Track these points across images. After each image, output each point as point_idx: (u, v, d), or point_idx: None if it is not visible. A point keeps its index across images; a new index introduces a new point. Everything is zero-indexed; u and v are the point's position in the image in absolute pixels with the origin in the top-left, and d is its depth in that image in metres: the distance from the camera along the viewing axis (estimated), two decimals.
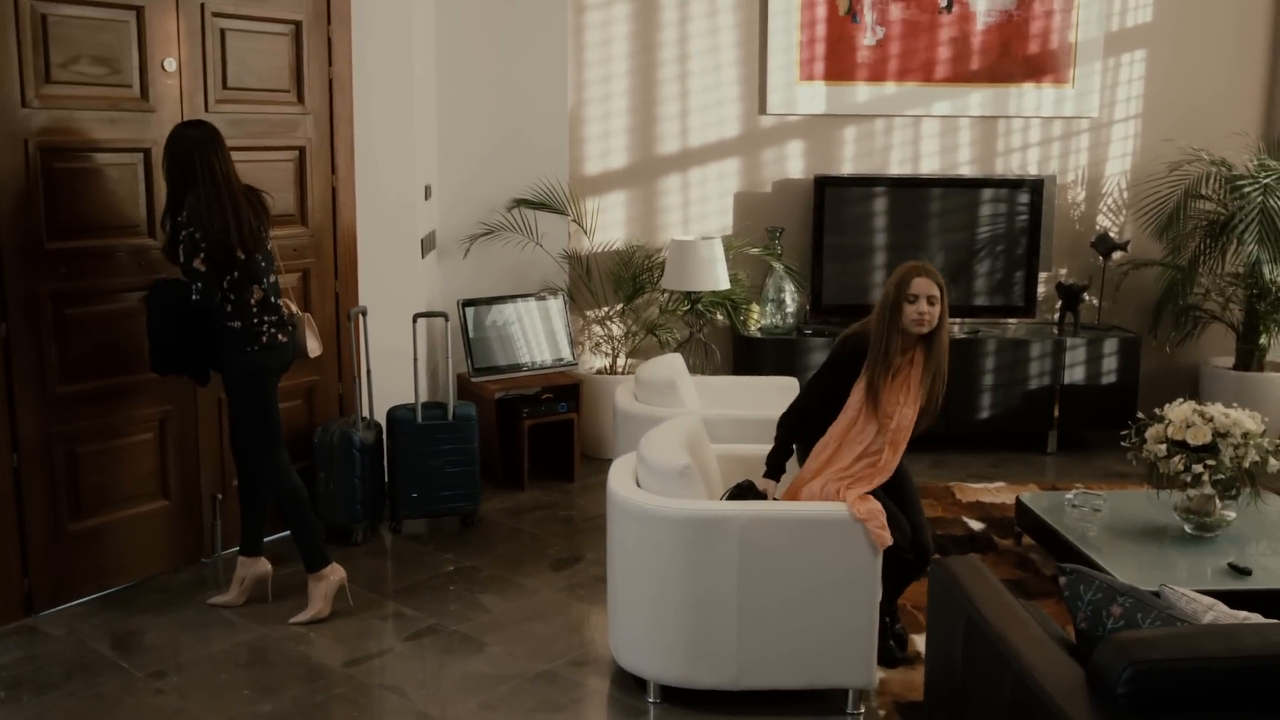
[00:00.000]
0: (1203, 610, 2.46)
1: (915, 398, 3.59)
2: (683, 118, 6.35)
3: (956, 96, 6.44)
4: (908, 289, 3.53)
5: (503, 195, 5.97)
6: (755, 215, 6.43)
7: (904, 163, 6.52)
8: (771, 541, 3.38)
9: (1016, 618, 2.56)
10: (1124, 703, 2.11)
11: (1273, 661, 2.14)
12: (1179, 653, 2.15)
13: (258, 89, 4.63)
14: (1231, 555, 4.01)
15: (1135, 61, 6.55)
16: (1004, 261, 6.31)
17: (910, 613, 4.02)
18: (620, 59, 6.25)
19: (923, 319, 3.52)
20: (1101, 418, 6.17)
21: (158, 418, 4.43)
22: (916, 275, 3.54)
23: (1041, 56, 6.45)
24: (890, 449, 3.59)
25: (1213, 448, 4.05)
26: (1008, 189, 6.29)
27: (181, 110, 4.34)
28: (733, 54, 6.33)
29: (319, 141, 4.88)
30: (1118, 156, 6.62)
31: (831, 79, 6.37)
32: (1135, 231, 6.55)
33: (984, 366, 6.19)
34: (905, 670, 3.72)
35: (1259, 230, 5.81)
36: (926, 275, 3.54)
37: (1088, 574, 2.52)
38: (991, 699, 2.48)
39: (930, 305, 3.52)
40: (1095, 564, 3.89)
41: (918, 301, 3.52)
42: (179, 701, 3.58)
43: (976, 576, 2.81)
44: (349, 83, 4.97)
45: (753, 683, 3.47)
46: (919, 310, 3.51)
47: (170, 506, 4.52)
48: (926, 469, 5.97)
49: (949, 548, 4.72)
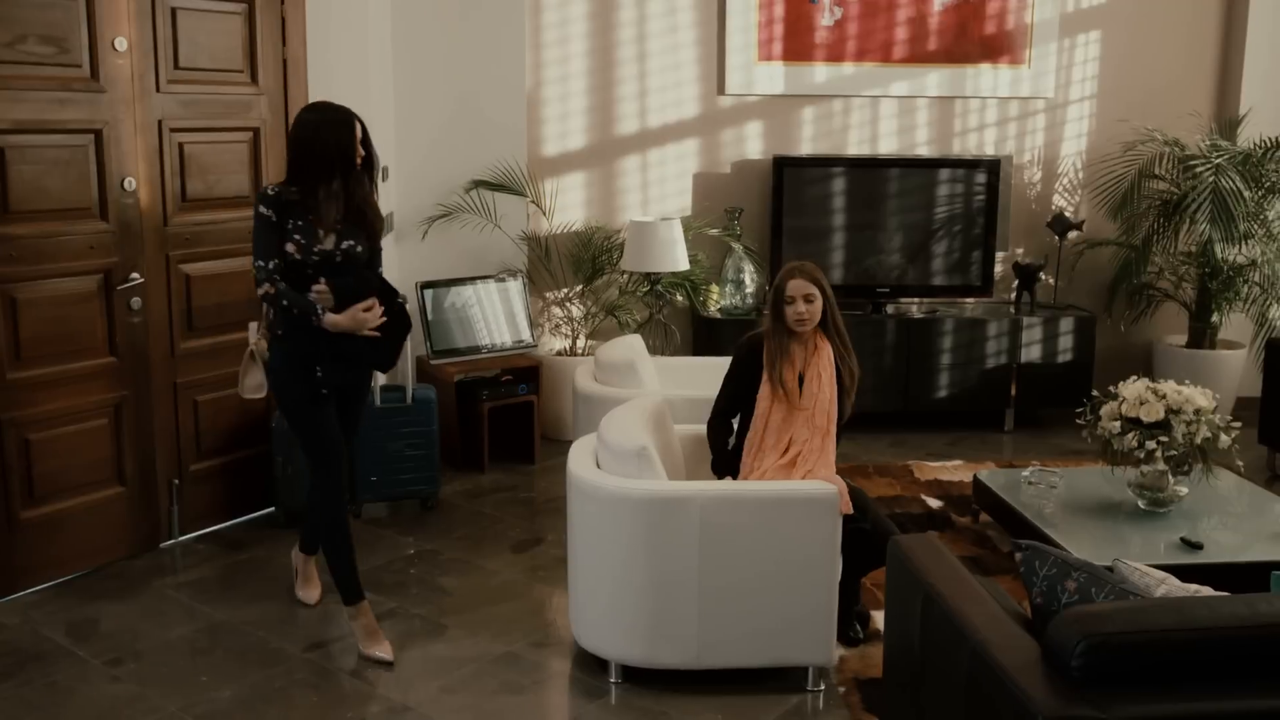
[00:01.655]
0: (1155, 584, 2.49)
1: (830, 383, 3.77)
2: (641, 98, 6.34)
3: (914, 77, 6.47)
4: (784, 293, 3.75)
5: (461, 177, 5.93)
6: (714, 196, 6.43)
7: (862, 143, 6.54)
8: (731, 521, 3.40)
9: (973, 594, 2.59)
10: (1078, 676, 2.14)
11: (1221, 633, 2.18)
12: (1131, 626, 2.18)
13: (210, 69, 4.57)
14: (1184, 530, 4.07)
15: (1090, 42, 6.60)
16: (961, 241, 6.35)
17: (871, 591, 4.05)
18: (578, 39, 6.22)
19: (801, 318, 3.74)
20: (1057, 396, 6.24)
21: (112, 403, 4.38)
22: (791, 278, 3.76)
23: (998, 37, 6.48)
24: (818, 435, 3.75)
25: (1165, 424, 4.11)
26: (965, 169, 6.33)
27: (133, 90, 4.28)
28: (691, 34, 6.32)
29: (274, 123, 4.82)
30: (1073, 137, 6.68)
31: (790, 59, 6.37)
32: (1090, 211, 6.61)
33: (941, 346, 6.23)
34: (865, 648, 3.75)
35: (1211, 210, 5.88)
36: (801, 276, 3.74)
37: (1043, 550, 2.55)
38: (949, 674, 2.50)
39: (808, 304, 3.73)
40: (1051, 540, 3.94)
41: (794, 303, 3.74)
42: (137, 689, 3.55)
43: (934, 554, 2.83)
44: (303, 64, 4.92)
45: (714, 662, 3.49)
46: (796, 311, 3.73)
47: (126, 493, 4.47)
48: (885, 448, 6.01)
49: (907, 526, 4.75)
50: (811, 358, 3.80)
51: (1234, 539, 4.08)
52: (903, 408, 6.26)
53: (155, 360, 4.50)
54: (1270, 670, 2.17)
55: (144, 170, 4.37)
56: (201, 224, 4.61)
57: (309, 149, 3.56)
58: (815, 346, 3.81)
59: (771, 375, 3.77)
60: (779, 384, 3.75)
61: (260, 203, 3.59)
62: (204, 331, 4.67)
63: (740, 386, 3.87)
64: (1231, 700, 2.11)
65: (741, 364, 3.89)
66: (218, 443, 4.77)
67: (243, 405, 4.82)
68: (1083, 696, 2.10)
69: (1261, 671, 2.17)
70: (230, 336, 4.72)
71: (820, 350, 3.81)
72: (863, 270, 6.33)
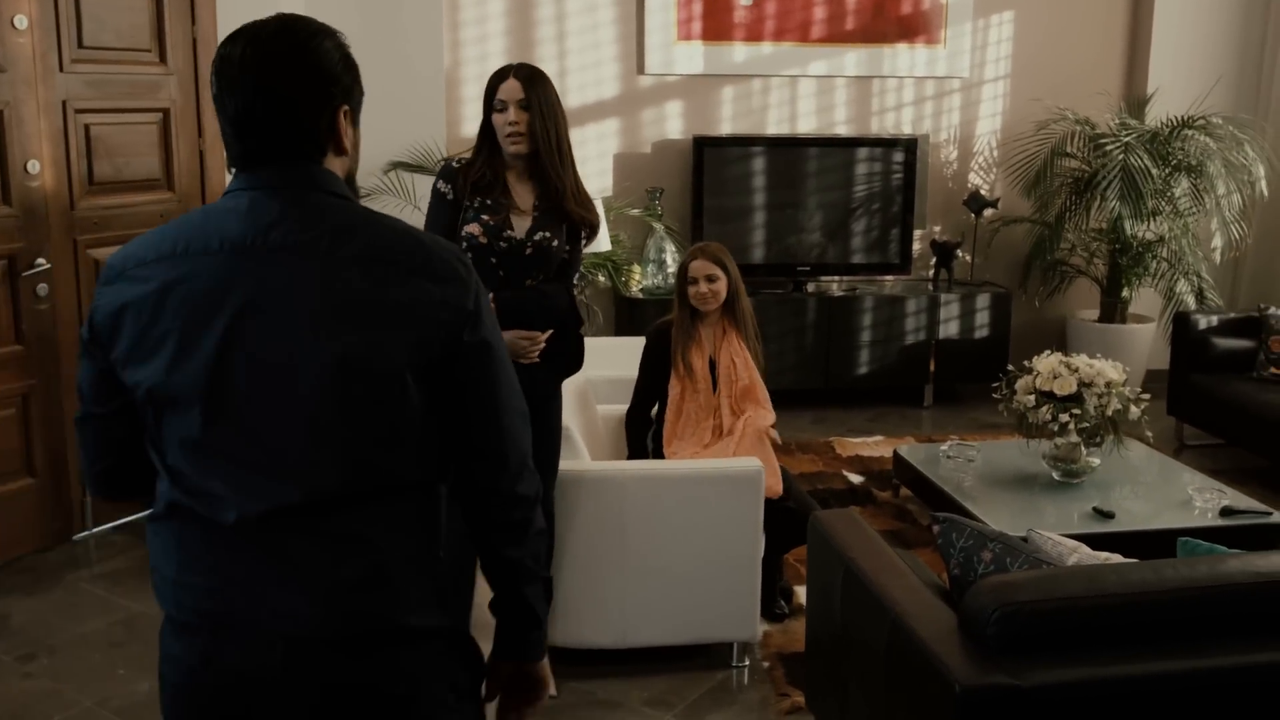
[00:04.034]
0: (1067, 553, 2.55)
1: (747, 365, 3.83)
2: (561, 78, 6.29)
3: (832, 56, 6.51)
4: (687, 274, 3.82)
5: (379, 158, 5.85)
6: (635, 176, 6.42)
7: (781, 122, 6.57)
8: (654, 501, 3.41)
9: (893, 567, 2.63)
10: (993, 644, 2.18)
11: (1130, 599, 2.24)
12: (1044, 594, 2.23)
13: (116, 48, 4.44)
14: (1096, 500, 4.17)
15: (1004, 23, 6.69)
16: (880, 220, 6.42)
17: (794, 566, 4.09)
18: (496, 18, 6.16)
19: (704, 298, 3.79)
20: (975, 371, 6.34)
21: (19, 393, 4.26)
22: (693, 259, 3.84)
23: (914, 17, 6.54)
24: (741, 420, 3.78)
25: (1078, 398, 4.20)
26: (883, 148, 6.39)
27: (35, 70, 4.15)
28: (610, 13, 6.29)
29: (184, 103, 4.71)
30: (988, 116, 6.77)
31: (709, 39, 6.38)
32: (1005, 189, 6.72)
33: (861, 323, 6.30)
34: (788, 623, 3.79)
35: (1120, 187, 6.00)
36: (703, 257, 3.82)
37: (960, 522, 2.59)
38: (869, 646, 2.54)
39: (710, 283, 3.79)
40: (969, 512, 4.00)
41: (697, 283, 3.80)
42: (51, 684, 3.47)
43: (854, 528, 2.87)
44: (214, 42, 4.80)
45: (639, 640, 3.50)
46: (699, 291, 3.80)
47: (36, 484, 4.36)
48: (808, 425, 6.07)
49: (829, 501, 4.81)
50: (722, 341, 3.84)
51: (1144, 508, 4.19)
52: (824, 385, 6.32)
53: (64, 348, 4.38)
54: (1177, 633, 2.23)
55: (48, 152, 4.25)
56: (111, 208, 4.50)
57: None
58: (725, 330, 3.84)
59: (675, 359, 3.80)
60: (685, 367, 3.78)
61: (439, 177, 3.16)
62: None
63: (651, 375, 3.89)
64: (1141, 663, 2.16)
65: (651, 352, 3.90)
66: None
67: None
68: (998, 664, 2.14)
69: (1169, 635, 2.23)
70: None
71: (731, 333, 3.84)
72: (783, 249, 6.37)
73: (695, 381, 3.80)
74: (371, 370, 1.50)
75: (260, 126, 1.55)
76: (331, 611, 1.52)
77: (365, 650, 1.54)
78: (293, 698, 1.53)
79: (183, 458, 1.54)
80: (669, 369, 3.83)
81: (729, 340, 3.84)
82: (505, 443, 1.62)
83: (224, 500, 1.52)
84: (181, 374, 1.51)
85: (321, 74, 1.57)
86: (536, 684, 1.78)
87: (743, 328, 3.87)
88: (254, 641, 1.53)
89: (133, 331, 1.54)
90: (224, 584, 1.54)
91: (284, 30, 1.58)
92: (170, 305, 1.52)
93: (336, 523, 1.52)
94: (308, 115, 1.56)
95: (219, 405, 1.51)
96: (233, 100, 1.56)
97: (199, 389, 1.51)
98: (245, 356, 1.50)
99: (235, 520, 1.51)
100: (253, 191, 1.55)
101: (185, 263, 1.53)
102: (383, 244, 1.55)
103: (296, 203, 1.55)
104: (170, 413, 1.54)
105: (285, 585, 1.52)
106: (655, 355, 3.89)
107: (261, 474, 1.51)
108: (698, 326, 3.84)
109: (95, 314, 1.58)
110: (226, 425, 1.51)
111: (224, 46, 1.59)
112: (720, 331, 3.86)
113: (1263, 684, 2.21)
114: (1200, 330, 5.68)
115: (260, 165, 1.56)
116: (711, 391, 3.82)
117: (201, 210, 1.60)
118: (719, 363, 3.83)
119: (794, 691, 3.38)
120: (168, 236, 1.57)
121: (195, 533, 1.55)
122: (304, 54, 1.56)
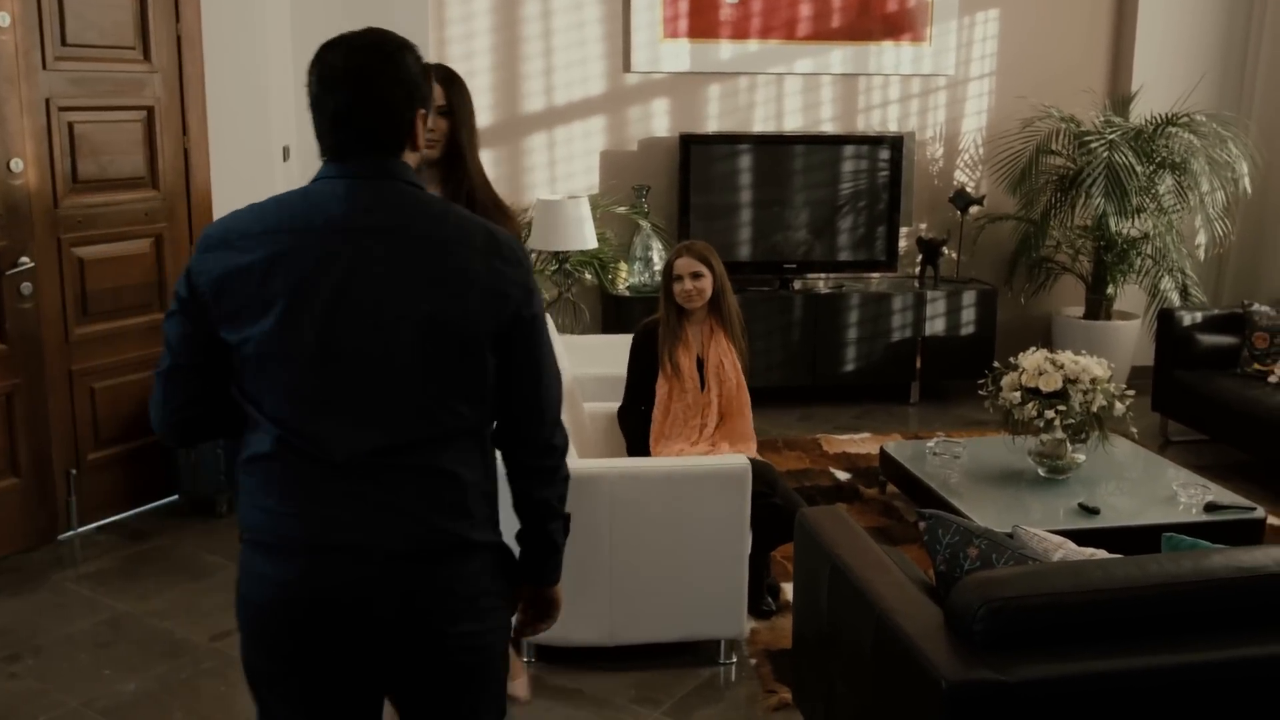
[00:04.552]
0: (1053, 549, 2.56)
1: (734, 365, 3.85)
2: (547, 75, 6.29)
3: (818, 54, 6.51)
4: (672, 271, 3.83)
5: None
6: (622, 174, 6.42)
7: (767, 120, 6.58)
8: (641, 498, 3.41)
9: (879, 564, 2.63)
10: (979, 640, 2.19)
11: (1115, 594, 2.25)
12: (1029, 590, 2.24)
13: (100, 46, 4.42)
14: (1081, 496, 4.19)
15: (989, 20, 6.71)
16: (866, 217, 6.43)
17: (781, 563, 4.10)
18: (482, 15, 6.15)
19: (689, 295, 3.81)
20: (961, 368, 6.36)
21: (4, 391, 4.24)
22: (678, 257, 3.85)
23: (899, 15, 6.55)
24: (729, 420, 3.82)
25: (1063, 394, 4.21)
26: (869, 146, 6.40)
27: (18, 68, 4.13)
28: (596, 11, 6.29)
29: (168, 101, 4.69)
30: (973, 113, 6.79)
31: (695, 36, 6.38)
32: (991, 187, 6.74)
33: (848, 320, 6.31)
34: (776, 620, 3.80)
35: (1105, 184, 6.02)
36: (688, 254, 3.84)
37: (946, 518, 2.60)
38: (856, 643, 2.55)
39: (695, 280, 3.81)
40: (955, 509, 4.01)
41: (682, 280, 3.81)
42: (37, 685, 3.45)
43: (840, 525, 2.87)
44: (198, 40, 4.79)
45: (627, 638, 3.51)
46: (685, 289, 3.82)
47: (20, 484, 4.33)
48: (794, 422, 6.08)
49: (816, 498, 4.81)
50: (710, 340, 3.85)
51: (1129, 503, 4.21)
52: (811, 382, 6.33)
53: (49, 347, 4.37)
54: (1162, 628, 2.25)
55: (32, 151, 4.23)
56: (95, 206, 4.48)
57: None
58: (713, 329, 3.86)
59: (662, 359, 3.80)
60: (671, 366, 3.79)
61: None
62: (100, 317, 4.54)
63: (639, 374, 3.90)
64: (1126, 658, 2.17)
65: (638, 351, 3.92)
66: (117, 431, 4.65)
67: (143, 392, 4.72)
68: (984, 660, 2.15)
69: (1154, 630, 2.24)
70: (128, 322, 4.61)
71: (718, 332, 3.86)
72: (770, 246, 6.38)
73: (682, 381, 3.80)
74: (457, 332, 1.79)
75: (355, 124, 1.81)
76: (422, 530, 1.81)
77: (444, 561, 1.84)
78: (381, 603, 1.80)
79: (290, 406, 1.79)
80: (656, 368, 3.83)
81: (716, 339, 3.85)
82: (545, 400, 1.91)
83: (331, 442, 1.78)
84: (293, 332, 1.76)
85: (407, 83, 1.84)
86: (551, 604, 2.12)
87: (729, 326, 3.87)
88: (353, 559, 1.79)
89: (241, 294, 1.78)
90: (328, 512, 1.80)
91: (378, 44, 1.84)
92: (279, 272, 1.76)
93: (426, 459, 1.81)
94: (395, 117, 1.83)
95: (326, 360, 1.77)
96: (332, 100, 1.81)
97: (309, 346, 1.76)
98: (350, 319, 1.76)
99: (343, 459, 1.78)
100: (346, 179, 1.82)
101: (291, 236, 1.78)
102: (463, 229, 1.84)
103: (384, 190, 1.82)
104: (278, 366, 1.79)
105: (384, 511, 1.79)
106: (642, 354, 3.89)
107: (364, 419, 1.78)
108: (684, 325, 3.85)
109: (199, 277, 1.81)
110: (333, 377, 1.78)
111: (326, 53, 1.83)
112: (708, 330, 3.86)
113: (1246, 678, 2.22)
114: (1184, 327, 5.70)
115: (352, 157, 1.83)
116: (699, 390, 3.83)
117: (299, 192, 1.84)
118: (707, 361, 3.83)
119: (781, 688, 3.39)
120: (269, 212, 1.82)
121: (302, 469, 1.80)
122: (394, 65, 1.83)
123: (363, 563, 1.79)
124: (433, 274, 1.79)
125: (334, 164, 1.83)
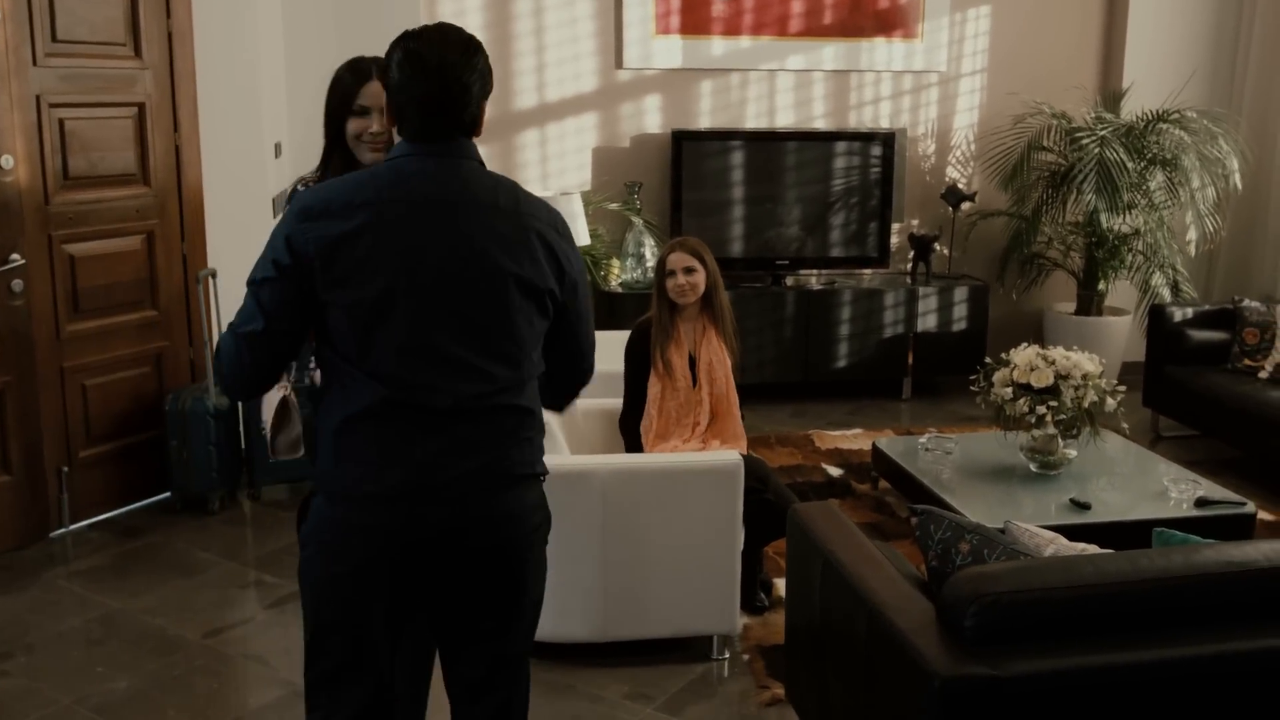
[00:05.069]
0: (1044, 544, 2.57)
1: (724, 363, 3.85)
2: (539, 72, 6.29)
3: (810, 50, 6.52)
4: (665, 266, 3.85)
5: None
6: (614, 170, 6.42)
7: (760, 117, 6.58)
8: (633, 494, 3.41)
9: (871, 559, 2.64)
10: (971, 635, 2.20)
11: (1106, 589, 2.25)
12: (1021, 585, 2.24)
13: (91, 42, 4.41)
14: (1073, 491, 4.20)
15: (980, 17, 6.71)
16: (858, 213, 6.43)
17: (773, 559, 4.11)
18: (474, 12, 6.14)
19: (682, 290, 3.83)
20: (953, 364, 6.37)
21: None
22: (671, 252, 3.87)
23: (891, 11, 6.56)
24: (720, 419, 3.82)
25: (1055, 390, 4.22)
26: (860, 142, 6.41)
27: (8, 64, 4.12)
28: (588, 7, 6.28)
29: (159, 98, 4.68)
30: (965, 110, 6.80)
31: (687, 33, 6.38)
32: (982, 183, 6.74)
33: (840, 317, 6.32)
34: (768, 615, 3.80)
35: (1096, 181, 6.03)
36: (681, 250, 3.86)
37: (938, 514, 2.60)
38: (848, 638, 2.55)
39: (688, 275, 3.82)
40: (947, 504, 4.02)
41: (675, 275, 3.83)
42: (29, 683, 3.45)
43: (833, 521, 2.88)
44: (190, 36, 4.78)
45: (619, 634, 3.51)
46: (677, 284, 3.83)
47: (12, 481, 4.32)
48: (786, 418, 6.09)
49: (808, 494, 4.82)
50: (702, 339, 3.86)
51: (1120, 499, 4.22)
52: (803, 378, 6.34)
53: (40, 344, 4.36)
54: (1153, 623, 2.25)
55: (22, 147, 4.22)
56: (86, 203, 4.47)
57: None
58: (705, 327, 3.87)
59: (654, 357, 3.81)
60: (664, 364, 3.79)
61: (288, 202, 2.53)
62: (91, 314, 4.53)
63: (638, 380, 3.90)
64: (1118, 653, 2.18)
65: (633, 353, 3.91)
66: (109, 428, 4.64)
67: (134, 388, 4.71)
68: (976, 655, 2.15)
69: (1145, 625, 2.25)
70: (119, 319, 4.61)
71: (710, 330, 3.86)
72: (762, 243, 6.38)
73: (675, 379, 3.80)
74: (535, 290, 2.06)
75: (441, 110, 2.03)
76: (507, 463, 2.09)
77: (520, 489, 2.12)
78: (476, 533, 2.07)
79: (396, 361, 1.99)
80: (650, 367, 3.83)
81: (708, 338, 3.86)
82: (585, 345, 2.26)
83: (438, 390, 2.00)
84: (401, 293, 1.97)
85: (483, 75, 2.07)
86: None
87: (721, 323, 3.88)
88: (452, 496, 2.03)
89: (349, 259, 1.96)
90: (429, 458, 2.01)
91: (459, 41, 2.06)
92: (382, 240, 1.98)
93: (512, 399, 2.08)
94: (474, 105, 2.07)
95: (431, 316, 1.99)
96: (422, 87, 2.02)
97: (417, 305, 1.98)
98: (450, 279, 2.00)
99: (450, 406, 2.01)
100: (431, 157, 2.05)
101: (389, 207, 1.99)
102: (531, 203, 2.11)
103: (464, 168, 2.07)
104: (383, 325, 1.98)
105: (479, 449, 2.05)
106: (637, 356, 3.89)
107: (465, 368, 2.02)
108: (676, 322, 3.85)
109: (306, 244, 1.96)
110: (438, 332, 2.00)
111: (412, 44, 2.03)
112: (700, 328, 3.87)
113: (1237, 672, 2.23)
114: (1175, 323, 5.72)
115: (435, 138, 2.05)
116: (691, 387, 3.83)
117: (386, 166, 2.05)
118: (699, 359, 3.84)
119: (774, 684, 3.40)
120: (364, 184, 2.03)
121: (406, 420, 2.01)
122: (474, 59, 2.06)
123: (460, 500, 2.04)
124: (515, 240, 2.05)
125: (418, 143, 2.04)
